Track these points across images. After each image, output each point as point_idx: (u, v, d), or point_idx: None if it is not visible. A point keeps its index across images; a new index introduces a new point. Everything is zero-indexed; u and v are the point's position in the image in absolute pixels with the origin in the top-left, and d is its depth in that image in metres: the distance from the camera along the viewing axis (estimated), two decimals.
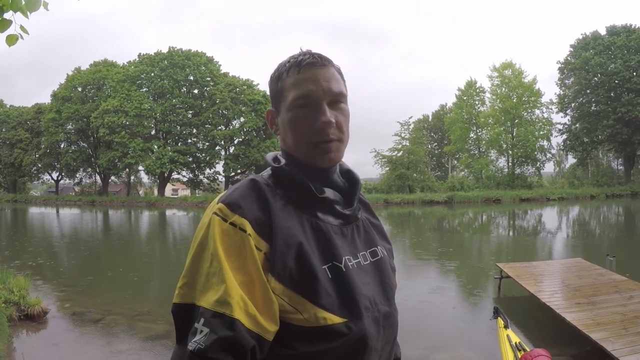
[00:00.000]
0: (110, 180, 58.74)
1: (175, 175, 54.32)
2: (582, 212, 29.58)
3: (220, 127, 51.18)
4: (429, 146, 65.16)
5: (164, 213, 36.99)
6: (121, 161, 50.21)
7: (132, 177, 61.21)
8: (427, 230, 22.53)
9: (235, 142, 51.49)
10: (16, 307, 6.63)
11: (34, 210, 42.17)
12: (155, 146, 50.19)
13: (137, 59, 52.68)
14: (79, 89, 53.77)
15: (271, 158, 1.08)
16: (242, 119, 50.31)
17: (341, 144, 1.03)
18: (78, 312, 7.37)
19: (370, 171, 49.28)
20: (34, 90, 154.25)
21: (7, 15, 2.62)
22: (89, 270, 12.08)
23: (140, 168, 54.24)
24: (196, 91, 52.06)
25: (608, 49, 43.53)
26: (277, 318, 0.89)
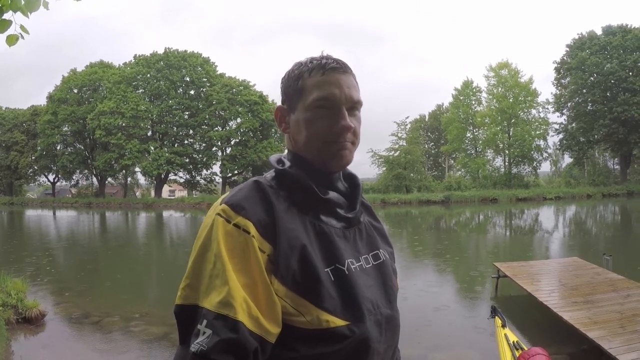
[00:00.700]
0: (107, 181, 58.54)
1: (172, 176, 54.16)
2: (579, 212, 29.65)
3: (217, 128, 51.07)
4: (426, 146, 65.31)
5: (161, 214, 36.90)
6: (118, 163, 50.02)
7: (129, 179, 61.05)
8: (424, 230, 22.56)
9: (232, 143, 51.37)
10: (14, 310, 6.62)
11: (31, 212, 42.04)
12: (151, 147, 50.06)
13: (133, 60, 52.53)
14: (75, 91, 53.57)
15: (275, 160, 1.08)
16: (239, 120, 50.22)
17: (354, 148, 1.05)
18: (76, 315, 7.36)
19: (367, 171, 49.19)
20: (33, 91, 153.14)
21: (7, 15, 2.61)
22: (87, 272, 12.05)
23: (137, 169, 54.01)
24: (192, 92, 51.92)
25: (604, 49, 43.59)
26: (280, 320, 0.89)
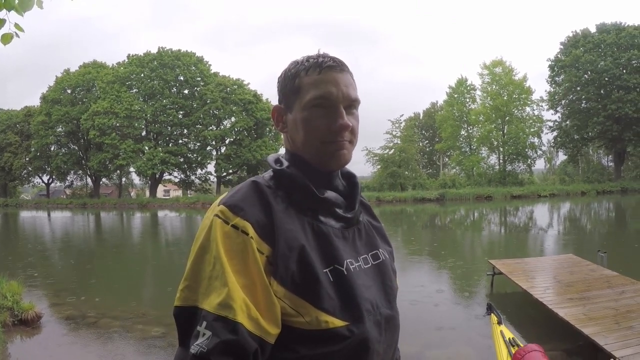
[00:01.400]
0: (101, 182, 58.28)
1: (166, 176, 53.97)
2: (573, 209, 29.77)
3: (211, 127, 50.89)
4: (421, 144, 65.28)
5: (156, 214, 36.78)
6: (112, 163, 49.79)
7: (124, 179, 60.78)
8: (420, 227, 22.60)
9: (226, 142, 51.23)
10: (10, 312, 6.58)
11: (26, 214, 41.81)
12: (146, 147, 49.82)
13: (127, 60, 52.30)
14: (69, 91, 53.24)
15: (273, 160, 1.07)
16: (233, 119, 50.06)
17: (352, 147, 1.04)
18: (72, 316, 7.33)
19: (362, 169, 49.10)
20: (26, 92, 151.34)
21: (1, 14, 2.58)
22: (82, 273, 12.01)
23: (131, 169, 53.79)
24: (186, 91, 51.68)
25: (598, 47, 43.72)
26: (279, 321, 0.89)
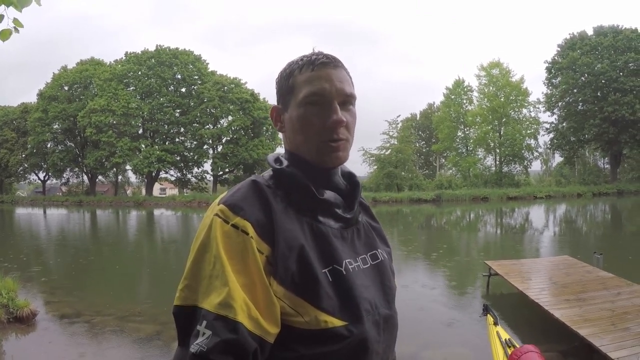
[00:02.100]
0: (97, 180, 58.13)
1: (163, 174, 53.89)
2: (569, 210, 29.86)
3: (208, 126, 50.80)
4: (417, 145, 65.36)
5: (152, 212, 36.72)
6: (108, 161, 49.71)
7: (120, 177, 60.53)
8: (416, 228, 22.64)
9: (223, 141, 51.15)
10: (4, 310, 6.56)
11: (21, 211, 41.65)
12: (142, 145, 49.77)
13: (124, 58, 52.19)
14: (66, 88, 53.13)
15: (273, 159, 1.07)
16: (230, 118, 50.00)
17: (348, 145, 1.04)
18: (67, 314, 7.31)
19: (358, 169, 49.08)
20: (24, 89, 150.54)
21: (0, 10, 2.57)
22: (78, 271, 11.98)
23: (127, 167, 53.63)
24: (184, 90, 51.66)
25: (595, 49, 43.82)
26: (279, 320, 0.89)
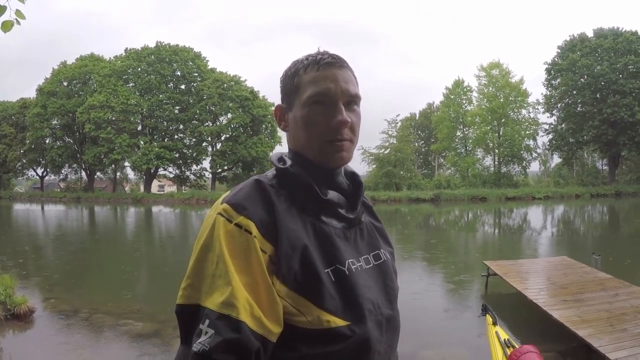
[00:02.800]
0: (96, 176, 58.04)
1: (161, 171, 53.78)
2: (567, 211, 29.91)
3: (207, 123, 50.71)
4: (416, 144, 65.40)
5: (150, 209, 36.70)
6: (107, 157, 49.56)
7: (118, 173, 60.45)
8: (414, 227, 22.65)
9: (222, 139, 51.17)
10: (2, 307, 6.54)
11: (19, 207, 41.60)
12: (141, 142, 49.72)
13: (124, 54, 52.09)
14: (65, 84, 53.07)
15: (276, 158, 1.07)
16: (230, 115, 49.92)
17: (352, 145, 1.03)
18: (65, 311, 7.30)
19: (357, 168, 48.18)
20: (24, 84, 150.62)
21: (2, 1, 2.55)
22: (76, 268, 11.97)
23: (126, 164, 53.58)
24: (183, 87, 51.59)
25: (595, 51, 43.94)
26: (281, 320, 0.89)
